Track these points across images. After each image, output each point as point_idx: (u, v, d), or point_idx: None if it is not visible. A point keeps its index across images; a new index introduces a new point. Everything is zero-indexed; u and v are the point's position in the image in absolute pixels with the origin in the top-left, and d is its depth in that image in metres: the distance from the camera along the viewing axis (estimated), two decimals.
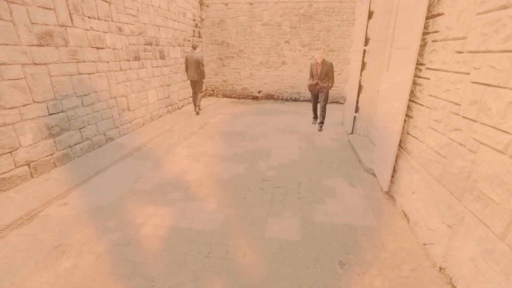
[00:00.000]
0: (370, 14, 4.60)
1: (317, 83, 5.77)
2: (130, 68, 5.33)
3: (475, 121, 1.76)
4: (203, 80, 7.03)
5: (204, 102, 8.84)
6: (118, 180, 3.48)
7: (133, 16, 5.33)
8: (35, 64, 3.38)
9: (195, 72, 6.74)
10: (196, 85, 6.95)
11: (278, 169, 3.83)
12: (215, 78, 9.65)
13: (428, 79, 2.41)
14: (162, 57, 6.62)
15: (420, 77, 2.57)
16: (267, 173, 3.70)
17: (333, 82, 5.71)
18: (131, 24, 5.30)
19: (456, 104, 1.97)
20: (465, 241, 1.78)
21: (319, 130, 5.87)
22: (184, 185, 3.35)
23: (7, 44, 3.02)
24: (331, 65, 5.59)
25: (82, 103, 4.18)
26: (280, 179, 3.54)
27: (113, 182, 3.41)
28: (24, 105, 3.27)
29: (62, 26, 3.74)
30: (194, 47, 6.72)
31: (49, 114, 3.63)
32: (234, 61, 9.31)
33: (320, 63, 5.59)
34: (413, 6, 2.69)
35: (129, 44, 5.26)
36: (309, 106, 8.76)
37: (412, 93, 2.71)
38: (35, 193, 3.11)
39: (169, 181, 3.45)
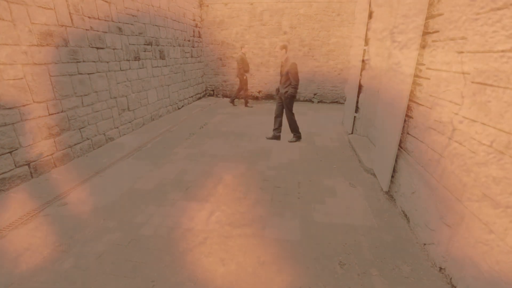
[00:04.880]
0: (370, 14, 4.60)
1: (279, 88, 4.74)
2: (130, 68, 5.33)
3: (475, 121, 1.76)
4: (244, 77, 7.76)
5: (204, 102, 8.84)
6: (118, 180, 3.48)
7: (133, 16, 5.33)
8: (35, 64, 3.37)
9: (237, 69, 7.67)
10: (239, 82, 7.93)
11: (278, 169, 3.83)
12: (215, 78, 9.65)
13: (428, 79, 2.41)
14: (162, 57, 6.62)
15: (420, 77, 2.57)
16: (267, 173, 3.70)
17: (295, 88, 4.41)
18: (131, 24, 5.30)
19: (456, 104, 1.97)
20: (465, 241, 1.78)
21: (267, 138, 5.04)
22: (184, 185, 3.35)
23: (7, 44, 3.02)
24: (292, 66, 4.33)
25: (82, 103, 4.18)
26: (280, 179, 3.54)
27: (113, 182, 3.41)
28: (24, 105, 3.27)
29: (62, 26, 3.74)
30: (241, 47, 7.61)
31: (49, 114, 3.63)
32: (234, 61, 9.30)
33: (283, 62, 4.52)
34: (413, 6, 2.69)
35: (129, 44, 5.26)
36: (309, 105, 8.64)
37: (412, 93, 2.71)
38: (35, 193, 3.11)
39: (169, 181, 3.45)
